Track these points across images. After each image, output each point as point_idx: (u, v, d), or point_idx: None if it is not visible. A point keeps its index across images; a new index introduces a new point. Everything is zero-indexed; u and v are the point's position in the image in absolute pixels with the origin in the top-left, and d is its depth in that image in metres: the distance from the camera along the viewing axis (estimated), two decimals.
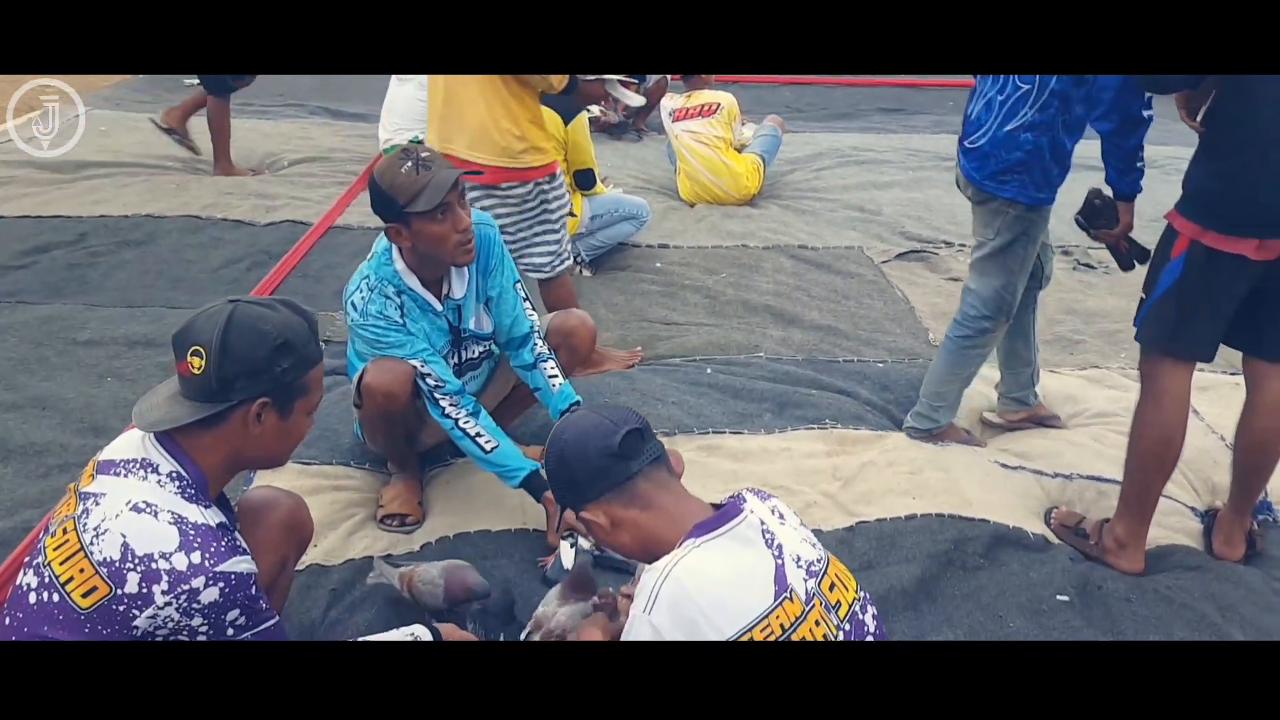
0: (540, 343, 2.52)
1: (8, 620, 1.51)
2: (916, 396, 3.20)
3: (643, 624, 1.37)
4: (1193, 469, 2.87)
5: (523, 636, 2.00)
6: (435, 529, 2.51)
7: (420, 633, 1.73)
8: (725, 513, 1.48)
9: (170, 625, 1.45)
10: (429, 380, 2.32)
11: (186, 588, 1.43)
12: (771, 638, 1.37)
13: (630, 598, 2.00)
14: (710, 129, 5.02)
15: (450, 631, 1.80)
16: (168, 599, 1.42)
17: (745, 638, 1.35)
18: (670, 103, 5.15)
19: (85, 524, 1.47)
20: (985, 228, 2.78)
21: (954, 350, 2.91)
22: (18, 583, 1.52)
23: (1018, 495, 2.79)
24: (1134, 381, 3.39)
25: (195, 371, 1.50)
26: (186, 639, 1.47)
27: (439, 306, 2.38)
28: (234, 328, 1.49)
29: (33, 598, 1.47)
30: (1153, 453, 2.39)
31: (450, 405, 2.34)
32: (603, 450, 1.50)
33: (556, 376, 2.51)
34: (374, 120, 5.34)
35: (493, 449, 2.34)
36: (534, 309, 2.54)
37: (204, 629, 1.47)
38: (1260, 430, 2.41)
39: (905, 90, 7.59)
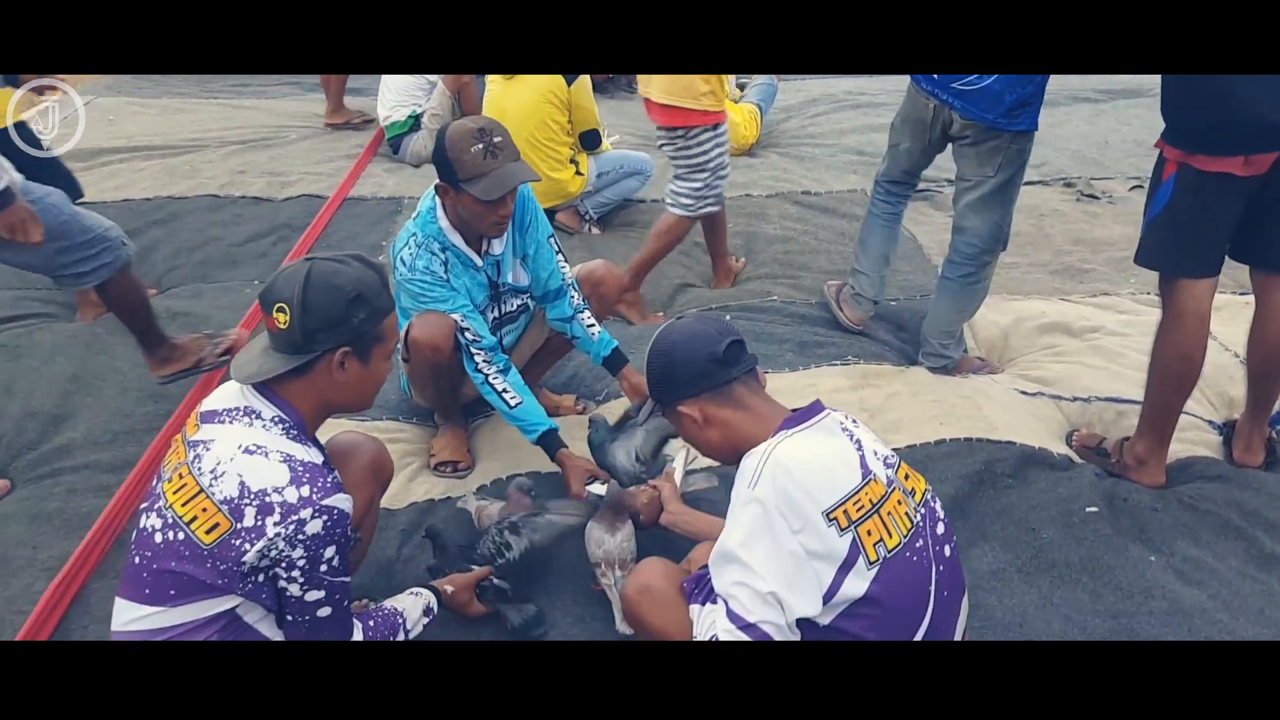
0: (576, 295, 2.63)
1: (137, 559, 1.64)
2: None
3: (746, 498, 1.51)
4: (1209, 385, 2.98)
5: (598, 576, 2.15)
6: (487, 472, 2.65)
7: (423, 593, 1.93)
8: (810, 410, 1.64)
9: (273, 555, 1.56)
10: (467, 334, 2.44)
11: (296, 518, 1.55)
12: (862, 512, 1.52)
13: (656, 489, 2.17)
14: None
15: (456, 588, 1.99)
16: (278, 529, 1.54)
17: (839, 510, 1.50)
18: None
19: (200, 468, 1.60)
20: (983, 166, 2.84)
21: (958, 289, 3.03)
22: (142, 526, 1.65)
23: (1039, 419, 2.91)
24: (1144, 305, 3.55)
25: (281, 327, 1.63)
26: (283, 574, 1.58)
27: (479, 262, 2.49)
28: (312, 285, 1.61)
29: (158, 538, 1.60)
30: (1173, 371, 2.47)
31: (483, 361, 2.46)
32: (708, 355, 1.65)
33: (594, 325, 2.63)
34: (371, 95, 5.45)
35: (517, 405, 2.47)
36: (567, 263, 2.64)
37: (302, 561, 1.58)
38: (1271, 338, 2.52)
39: None
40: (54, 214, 2.57)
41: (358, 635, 1.74)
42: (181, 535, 1.58)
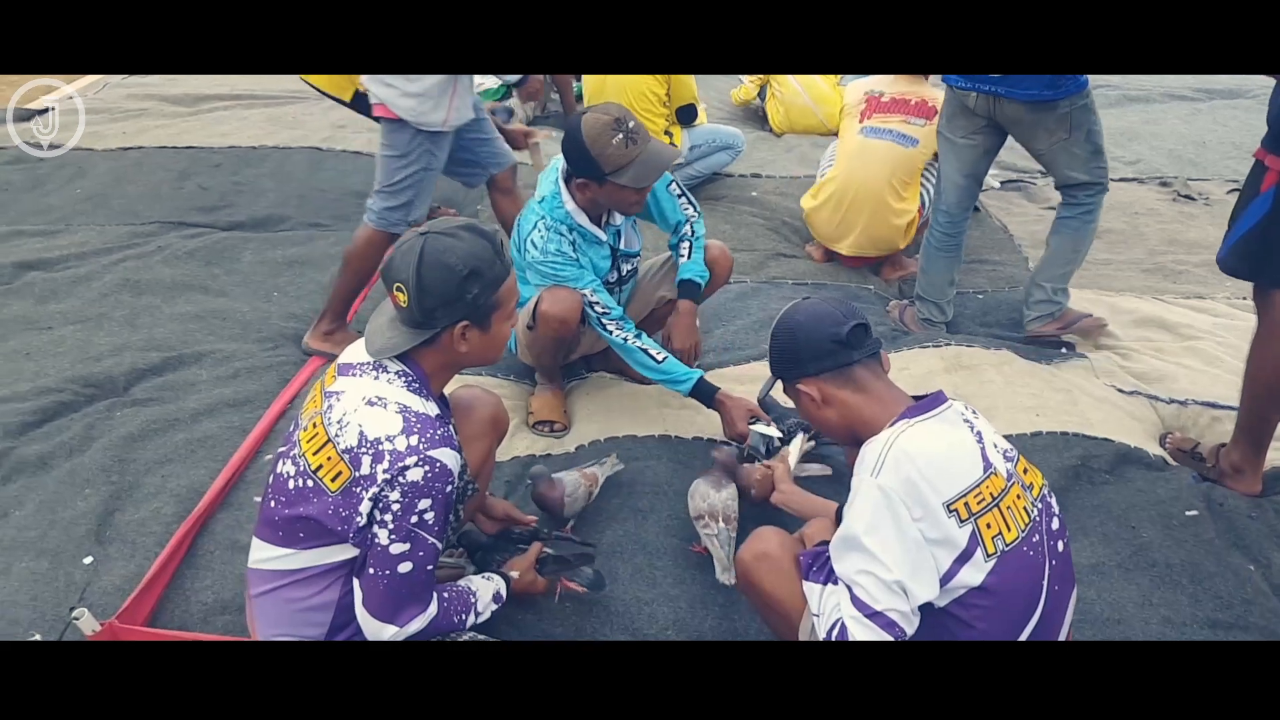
0: (688, 228, 2.75)
1: (273, 503, 1.73)
2: (1018, 320, 3.38)
3: (870, 485, 1.54)
4: None
5: (700, 529, 2.21)
6: (585, 434, 2.73)
7: (494, 579, 1.92)
8: (933, 399, 1.67)
9: (377, 493, 1.60)
10: (597, 308, 2.54)
11: (401, 465, 1.59)
12: (982, 505, 1.55)
13: (770, 469, 2.23)
14: None
15: (520, 570, 1.99)
16: (386, 475, 1.59)
17: (960, 502, 1.53)
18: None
19: (330, 419, 1.67)
20: (1054, 134, 2.97)
21: (1077, 225, 3.13)
22: (278, 471, 1.74)
23: (1135, 418, 2.91)
24: (1239, 310, 3.51)
25: (402, 304, 1.67)
26: (378, 518, 1.61)
27: (603, 236, 2.59)
28: (425, 264, 1.63)
29: (292, 484, 1.69)
30: (1267, 384, 2.45)
31: (616, 328, 2.56)
32: (831, 336, 1.68)
33: (684, 255, 2.76)
34: None
35: (663, 359, 2.54)
36: (690, 204, 2.75)
37: (396, 506, 1.59)
38: None
39: None
40: None
41: (433, 608, 1.71)
42: (311, 483, 1.66)
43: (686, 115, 4.27)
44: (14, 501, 2.38)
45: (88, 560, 2.21)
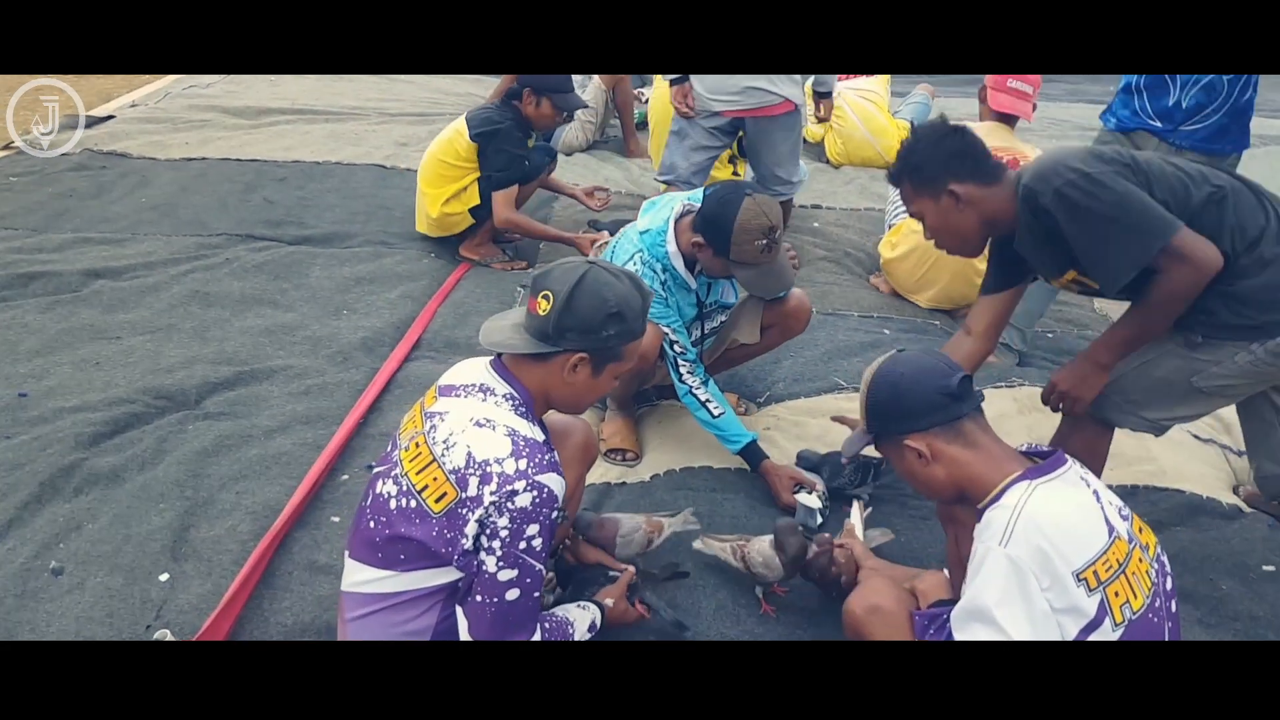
0: None
1: (372, 524, 1.71)
2: None
3: (999, 556, 1.48)
4: None
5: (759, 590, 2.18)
6: (659, 463, 2.71)
7: (590, 608, 1.90)
8: (1055, 460, 1.61)
9: (484, 518, 1.58)
10: (675, 347, 2.56)
11: (509, 488, 1.58)
12: (1110, 572, 1.49)
13: (842, 546, 2.17)
14: (875, 86, 5.05)
15: (614, 598, 1.97)
16: (493, 497, 1.57)
17: (1089, 571, 1.47)
18: None
19: (435, 438, 1.66)
20: None
21: None
22: (378, 491, 1.72)
23: (1210, 466, 2.85)
24: None
25: (541, 312, 1.68)
26: (485, 544, 1.59)
27: (693, 284, 2.59)
28: (583, 287, 1.66)
29: (393, 504, 1.68)
30: None
31: (688, 372, 2.57)
32: (941, 388, 1.63)
33: None
34: None
35: (720, 415, 2.57)
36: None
37: (504, 532, 1.58)
38: None
39: None
40: None
41: (537, 635, 1.70)
42: (414, 503, 1.64)
43: None
44: (87, 514, 2.37)
45: (164, 577, 2.19)
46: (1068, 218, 1.98)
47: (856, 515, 2.32)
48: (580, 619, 1.84)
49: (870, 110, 5.09)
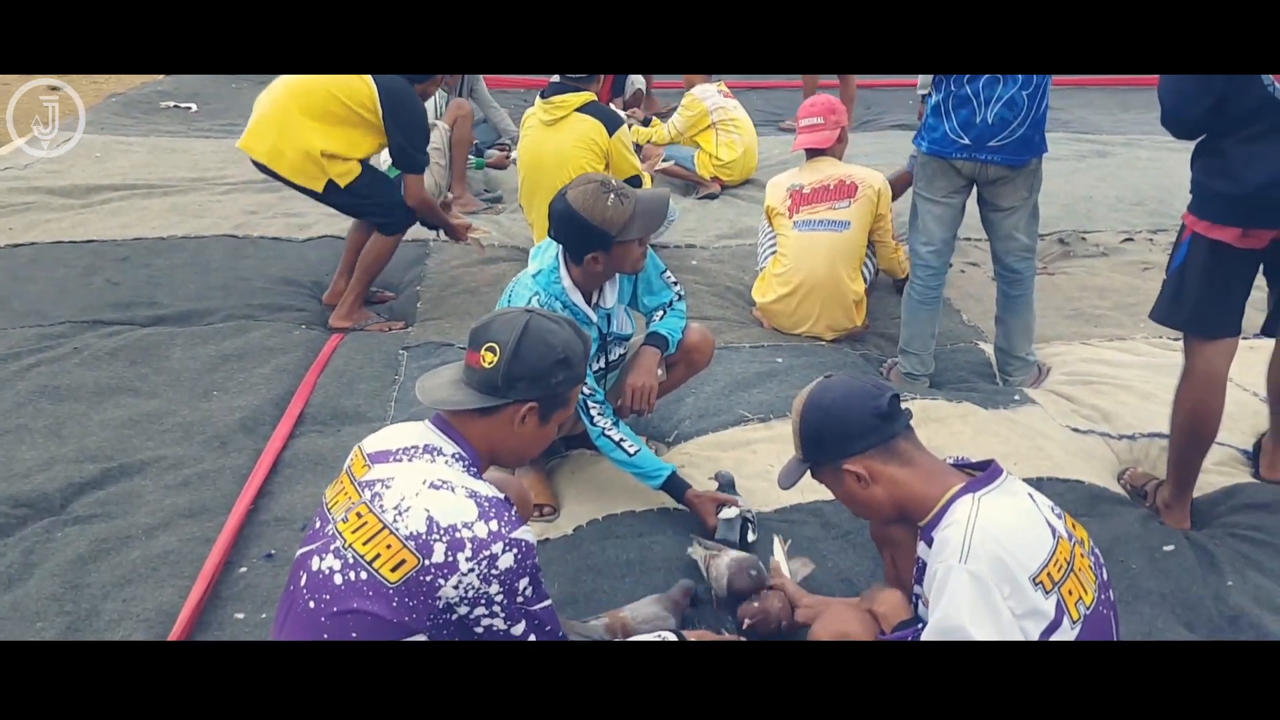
0: (673, 299, 2.72)
1: (312, 604, 1.58)
2: (965, 376, 3.58)
3: (961, 574, 1.50)
4: (1236, 419, 3.08)
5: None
6: (580, 514, 2.62)
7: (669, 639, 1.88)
8: (993, 471, 1.65)
9: (472, 593, 1.54)
10: (583, 390, 2.45)
11: (487, 553, 1.53)
12: (1062, 572, 1.54)
13: (774, 588, 2.14)
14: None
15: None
16: (471, 565, 1.52)
17: (1044, 574, 1.51)
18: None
19: (382, 506, 1.57)
20: (1019, 191, 3.27)
21: (1029, 295, 3.43)
22: (315, 569, 1.60)
23: (1095, 457, 3.02)
24: (1157, 349, 3.73)
25: (485, 365, 1.66)
26: (484, 612, 1.56)
27: (594, 317, 2.54)
28: (528, 336, 1.66)
29: (339, 579, 1.56)
30: (1186, 427, 2.59)
31: (598, 414, 2.52)
32: (873, 409, 1.65)
33: (658, 317, 2.73)
34: None
35: (635, 453, 2.52)
36: (677, 289, 2.74)
37: (499, 597, 1.56)
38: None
39: (866, 91, 7.81)
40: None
41: None
42: (365, 574, 1.55)
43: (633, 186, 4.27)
44: None
45: None
46: None
47: (779, 551, 2.30)
48: None
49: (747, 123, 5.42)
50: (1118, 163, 6.29)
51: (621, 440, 2.51)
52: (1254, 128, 2.25)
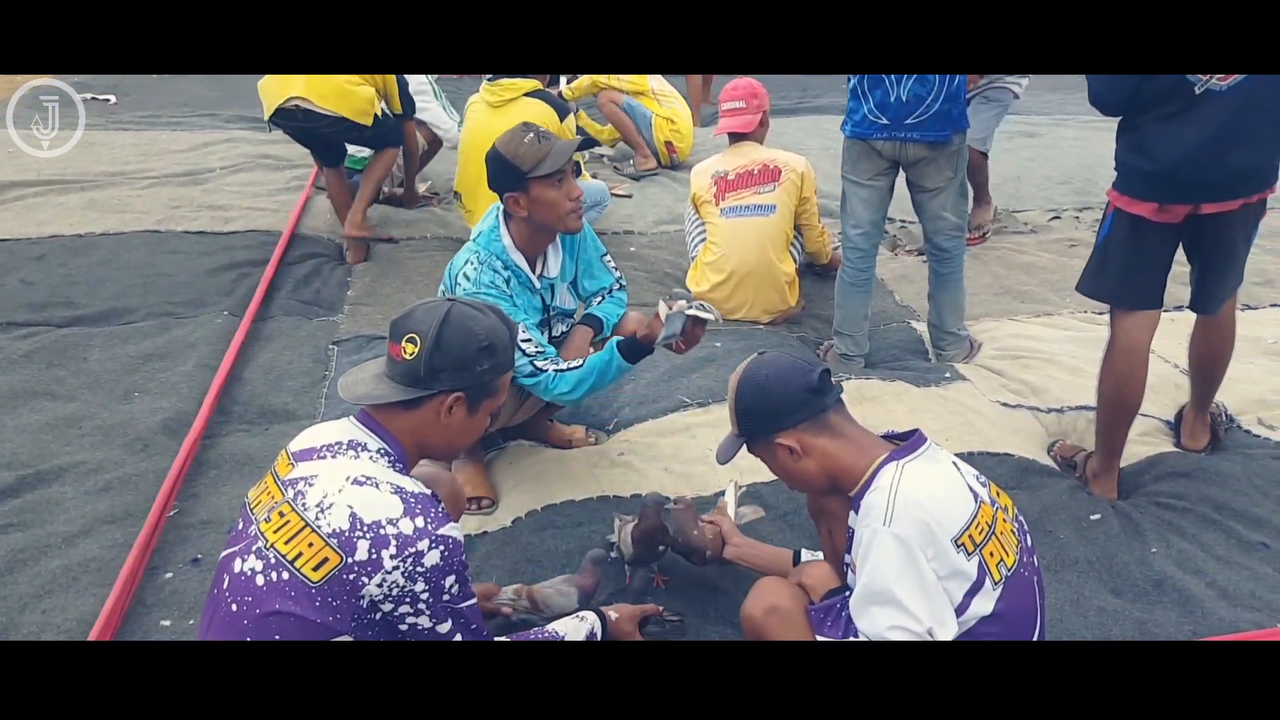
0: (613, 286, 2.77)
1: (235, 607, 1.53)
2: (899, 354, 3.64)
3: (885, 536, 1.54)
4: (1159, 390, 3.21)
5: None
6: (518, 506, 2.60)
7: (589, 617, 1.90)
8: (916, 440, 1.69)
9: (396, 591, 1.51)
10: (529, 347, 2.42)
11: (413, 550, 1.50)
12: (983, 534, 1.58)
13: (712, 522, 2.21)
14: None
15: (622, 617, 1.96)
16: (395, 563, 1.49)
17: (965, 536, 1.56)
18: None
19: (305, 504, 1.54)
20: (944, 171, 3.28)
21: (958, 273, 3.47)
22: (236, 571, 1.55)
23: (1025, 431, 3.08)
24: (1084, 323, 3.82)
25: (407, 357, 1.62)
26: (409, 610, 1.53)
27: (537, 284, 2.52)
28: (449, 325, 1.63)
29: (260, 580, 1.52)
30: (1111, 398, 2.67)
31: (547, 363, 2.44)
32: (803, 385, 1.68)
33: (596, 301, 2.76)
34: None
35: (582, 364, 2.44)
36: (619, 276, 2.77)
37: (425, 595, 1.53)
38: (1200, 351, 2.84)
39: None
40: None
41: None
42: (286, 575, 1.51)
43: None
44: None
45: None
46: None
47: (730, 494, 2.37)
48: (574, 630, 1.82)
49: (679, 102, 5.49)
50: (1045, 143, 6.42)
51: (570, 367, 2.43)
52: (1167, 107, 2.31)
